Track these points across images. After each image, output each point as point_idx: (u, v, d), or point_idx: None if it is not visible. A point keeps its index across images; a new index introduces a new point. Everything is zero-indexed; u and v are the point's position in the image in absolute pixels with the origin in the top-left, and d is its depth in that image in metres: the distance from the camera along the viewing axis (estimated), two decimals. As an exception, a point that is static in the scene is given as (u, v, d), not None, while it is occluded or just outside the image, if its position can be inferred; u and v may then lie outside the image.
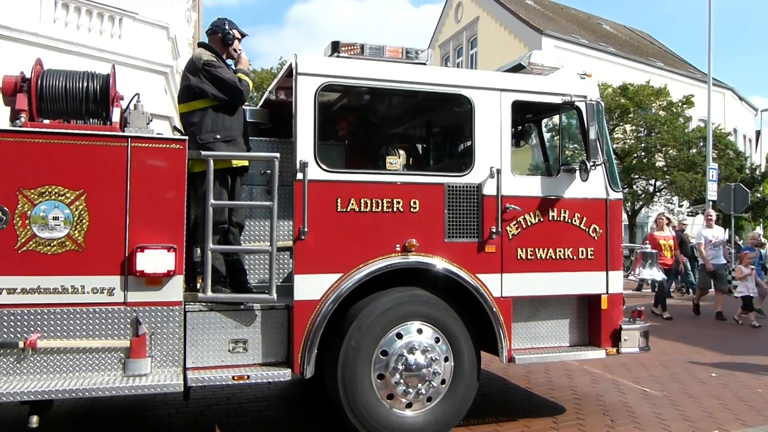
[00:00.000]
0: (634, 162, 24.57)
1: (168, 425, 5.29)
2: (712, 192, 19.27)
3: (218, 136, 4.72)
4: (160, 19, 16.44)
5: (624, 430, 5.22)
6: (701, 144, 23.68)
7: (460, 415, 4.85)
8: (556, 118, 6.09)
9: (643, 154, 24.81)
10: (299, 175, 4.48)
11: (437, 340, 4.74)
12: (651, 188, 25.91)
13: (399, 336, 4.64)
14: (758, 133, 42.98)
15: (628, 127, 24.79)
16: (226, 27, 4.98)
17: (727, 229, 17.74)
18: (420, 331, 4.70)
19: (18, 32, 13.01)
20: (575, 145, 7.10)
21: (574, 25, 34.78)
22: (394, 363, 4.59)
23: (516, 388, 6.55)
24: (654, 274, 5.83)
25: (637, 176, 25.00)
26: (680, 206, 28.21)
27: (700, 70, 34.83)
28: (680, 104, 25.11)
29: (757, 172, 30.29)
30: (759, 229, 13.20)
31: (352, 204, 4.61)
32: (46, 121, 4.55)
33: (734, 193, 18.70)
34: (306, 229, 4.46)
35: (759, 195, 28.03)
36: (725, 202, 18.76)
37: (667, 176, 24.58)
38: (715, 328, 10.38)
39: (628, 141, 24.84)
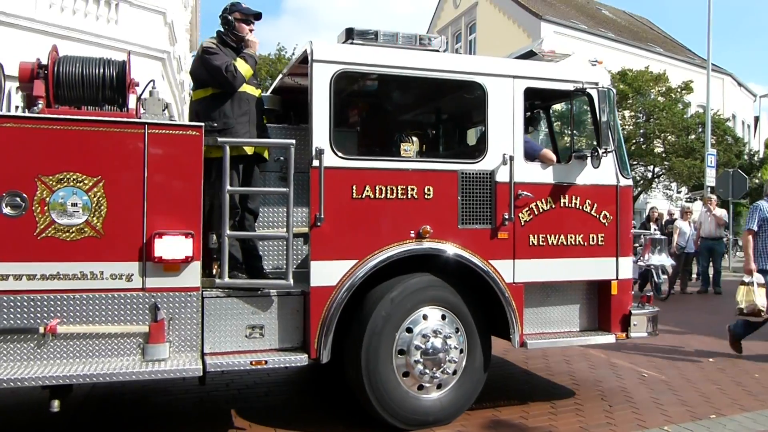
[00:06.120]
0: (633, 148, 24.58)
1: (182, 411, 5.33)
2: (710, 178, 19.36)
3: (215, 125, 4.65)
4: (157, 4, 16.26)
5: (622, 415, 5.25)
6: (700, 130, 23.69)
7: (471, 400, 4.97)
8: (567, 105, 6.10)
9: (641, 140, 24.82)
10: (315, 162, 4.49)
11: (457, 330, 4.83)
12: (650, 174, 25.97)
13: (425, 317, 4.75)
14: (757, 119, 43.06)
15: (627, 113, 24.77)
16: (226, 10, 4.88)
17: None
18: (443, 317, 4.80)
19: (14, 17, 12.86)
20: (586, 132, 7.11)
21: (573, 10, 34.58)
22: (414, 345, 4.67)
23: (515, 373, 6.60)
24: (663, 260, 5.87)
25: (635, 162, 25.03)
26: (678, 192, 28.30)
27: (700, 56, 34.71)
28: (679, 90, 25.05)
29: (756, 158, 30.39)
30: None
31: (368, 191, 4.63)
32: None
33: (732, 179, 18.81)
34: (322, 216, 4.48)
35: (757, 181, 28.14)
36: (723, 188, 18.87)
37: (665, 162, 24.63)
38: (714, 314, 10.44)
39: (627, 127, 24.83)
